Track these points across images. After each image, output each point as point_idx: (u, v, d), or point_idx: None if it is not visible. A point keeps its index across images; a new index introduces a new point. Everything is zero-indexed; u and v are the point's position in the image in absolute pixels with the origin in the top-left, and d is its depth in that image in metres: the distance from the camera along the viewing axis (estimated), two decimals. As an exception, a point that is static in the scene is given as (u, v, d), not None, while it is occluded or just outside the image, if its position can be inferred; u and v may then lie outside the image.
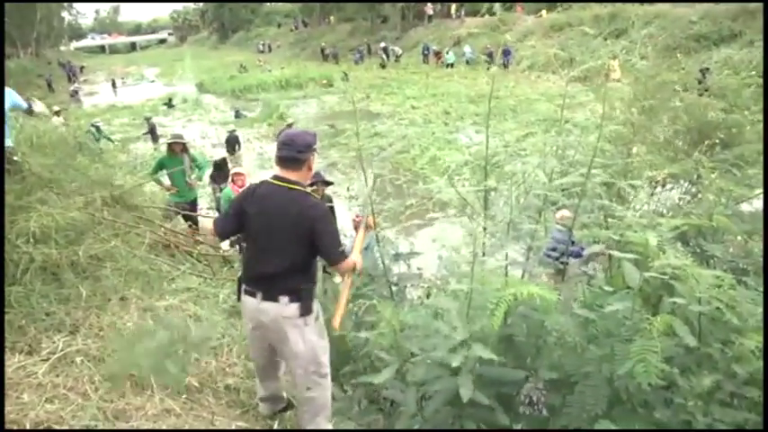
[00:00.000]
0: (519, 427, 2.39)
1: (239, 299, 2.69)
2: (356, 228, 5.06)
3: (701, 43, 19.10)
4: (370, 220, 5.11)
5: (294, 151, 2.53)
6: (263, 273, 2.57)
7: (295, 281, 2.54)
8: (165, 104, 23.74)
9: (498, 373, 2.38)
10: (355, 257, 2.72)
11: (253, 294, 2.59)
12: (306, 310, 2.54)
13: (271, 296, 2.54)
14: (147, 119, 17.42)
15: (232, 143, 14.16)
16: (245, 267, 2.69)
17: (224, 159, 9.83)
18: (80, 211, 4.07)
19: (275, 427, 2.86)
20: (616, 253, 2.39)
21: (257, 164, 13.28)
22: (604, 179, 2.99)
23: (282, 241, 2.53)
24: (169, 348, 3.18)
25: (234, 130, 14.86)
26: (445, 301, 2.40)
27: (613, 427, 2.11)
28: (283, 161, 2.56)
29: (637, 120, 4.31)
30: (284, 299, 2.52)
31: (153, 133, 16.56)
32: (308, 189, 2.63)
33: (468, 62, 28.99)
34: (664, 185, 4.03)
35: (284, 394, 2.99)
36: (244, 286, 2.64)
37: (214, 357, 3.40)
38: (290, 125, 15.28)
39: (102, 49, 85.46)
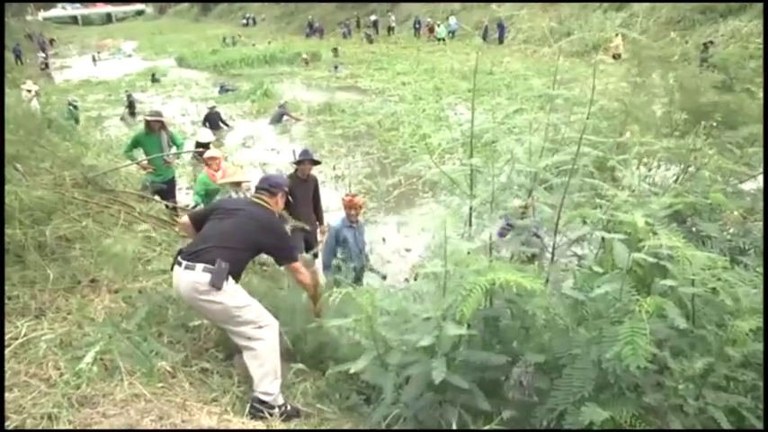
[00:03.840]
0: (507, 412, 2.31)
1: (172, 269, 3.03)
2: (346, 207, 4.94)
3: (707, 15, 18.10)
4: (358, 200, 5.01)
5: (267, 185, 3.41)
6: (200, 249, 2.93)
7: (215, 256, 2.86)
8: (151, 79, 22.99)
9: (481, 358, 2.34)
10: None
11: (179, 264, 2.91)
12: (215, 284, 2.80)
13: (190, 265, 2.86)
14: (128, 95, 16.93)
15: (213, 120, 13.82)
16: (191, 243, 3.09)
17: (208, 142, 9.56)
18: (48, 190, 3.88)
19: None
20: (607, 235, 2.30)
21: (240, 142, 12.93)
22: (595, 157, 2.86)
23: (235, 235, 3.04)
24: (142, 332, 3.05)
25: (214, 107, 14.47)
26: (421, 284, 2.35)
27: (600, 411, 2.02)
28: (257, 190, 3.42)
29: (630, 97, 4.16)
30: (200, 266, 2.83)
31: (132, 109, 16.11)
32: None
33: (452, 34, 28.33)
34: (659, 165, 3.90)
35: None
36: (178, 257, 2.96)
37: (190, 341, 3.28)
38: (282, 105, 14.98)
39: (74, 19, 76.33)
